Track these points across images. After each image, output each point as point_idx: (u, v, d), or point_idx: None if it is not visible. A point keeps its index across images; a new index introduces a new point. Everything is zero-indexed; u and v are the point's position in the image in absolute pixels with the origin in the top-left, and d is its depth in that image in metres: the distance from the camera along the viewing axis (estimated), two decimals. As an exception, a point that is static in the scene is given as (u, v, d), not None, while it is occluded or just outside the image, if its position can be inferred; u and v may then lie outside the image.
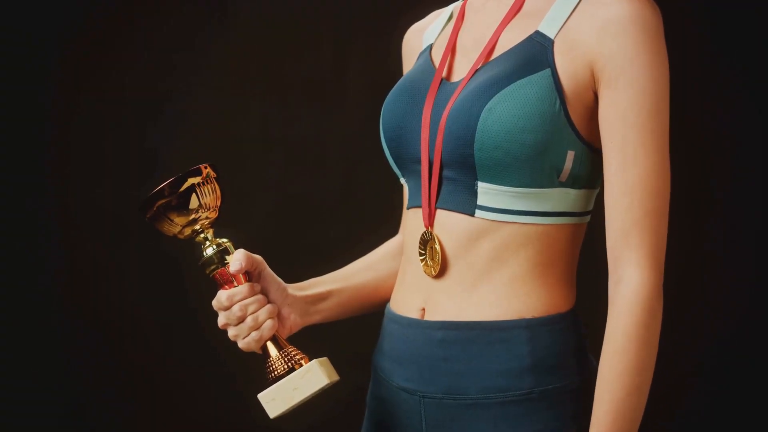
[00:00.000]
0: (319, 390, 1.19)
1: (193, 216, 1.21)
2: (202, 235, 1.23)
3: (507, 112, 1.11)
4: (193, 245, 1.25)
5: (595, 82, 1.13)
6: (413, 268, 1.24)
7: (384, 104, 1.28)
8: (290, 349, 1.22)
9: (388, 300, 1.37)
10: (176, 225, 1.21)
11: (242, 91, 2.46)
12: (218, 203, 1.23)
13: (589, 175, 1.18)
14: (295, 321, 1.28)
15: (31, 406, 2.44)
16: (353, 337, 1.67)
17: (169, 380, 2.48)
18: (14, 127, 2.40)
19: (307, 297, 1.31)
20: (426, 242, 1.20)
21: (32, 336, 2.44)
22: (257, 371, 1.23)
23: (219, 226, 1.25)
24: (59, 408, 2.47)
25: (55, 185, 2.45)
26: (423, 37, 1.37)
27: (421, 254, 1.21)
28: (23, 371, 2.44)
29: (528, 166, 1.13)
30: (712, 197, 2.32)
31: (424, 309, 1.22)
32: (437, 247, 1.19)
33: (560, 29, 1.15)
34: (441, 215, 1.20)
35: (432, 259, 1.20)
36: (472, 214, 1.17)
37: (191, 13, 2.44)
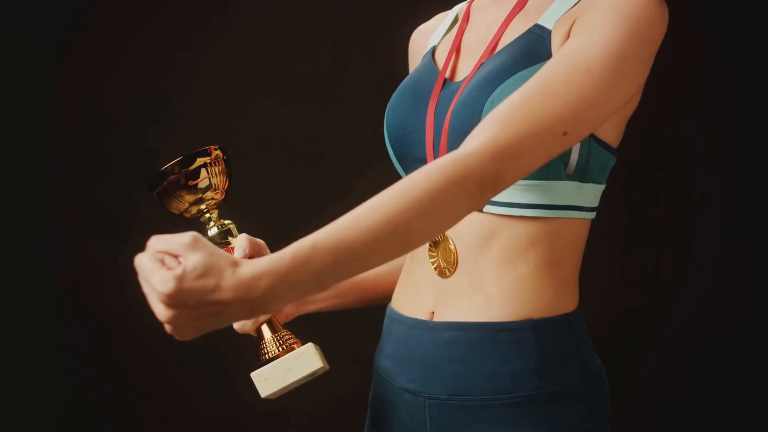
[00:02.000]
0: (311, 373, 1.20)
1: (200, 195, 1.24)
2: (207, 215, 1.27)
3: None
4: (195, 227, 1.26)
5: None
6: (421, 269, 1.24)
7: (388, 106, 1.28)
8: (284, 333, 1.24)
9: (386, 295, 1.37)
10: (184, 202, 1.25)
11: (242, 91, 2.46)
12: (226, 185, 1.27)
13: (597, 168, 1.18)
14: (290, 309, 1.30)
15: (30, 405, 2.45)
16: (354, 338, 1.67)
17: (169, 380, 2.48)
18: (14, 127, 2.41)
19: None
20: (437, 244, 1.20)
21: (32, 336, 2.44)
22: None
23: (224, 209, 1.28)
24: (59, 408, 2.47)
25: (55, 185, 2.45)
26: (428, 39, 1.38)
27: (432, 255, 1.21)
28: (23, 371, 2.44)
29: None
30: (711, 198, 2.31)
31: (433, 312, 1.21)
32: (451, 247, 1.19)
33: (558, 20, 1.15)
34: None
35: (446, 261, 1.19)
36: (481, 210, 1.16)
37: (191, 13, 2.44)
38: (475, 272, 1.18)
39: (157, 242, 0.89)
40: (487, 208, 1.16)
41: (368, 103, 1.47)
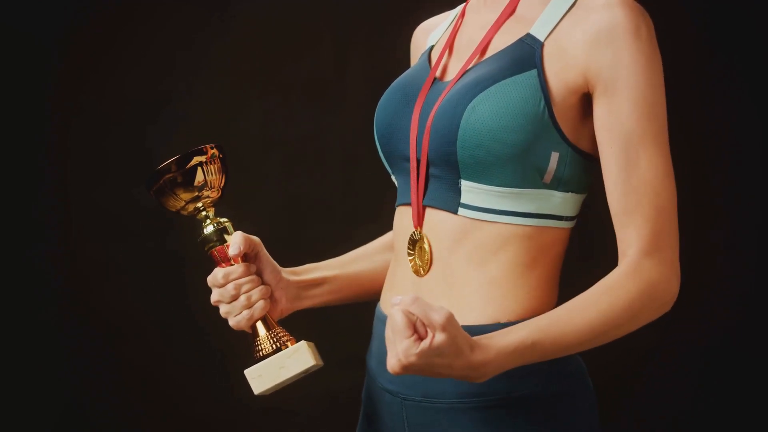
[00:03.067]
0: (304, 371, 1.21)
1: (196, 193, 1.25)
2: (203, 213, 1.27)
3: (489, 111, 1.12)
4: (194, 227, 1.28)
5: (589, 88, 1.13)
6: (402, 269, 1.24)
7: (379, 102, 1.29)
8: (278, 330, 1.25)
9: (380, 291, 1.37)
10: (180, 200, 1.25)
11: (242, 91, 2.46)
12: (222, 184, 1.27)
13: (576, 178, 1.17)
14: (286, 305, 1.30)
15: (30, 406, 2.45)
16: (352, 336, 1.67)
17: (169, 380, 2.48)
18: (14, 126, 2.41)
19: (300, 282, 1.32)
20: (415, 242, 1.21)
21: (32, 336, 2.44)
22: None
23: (221, 206, 1.29)
24: (59, 408, 2.47)
25: (55, 185, 2.45)
26: (429, 37, 1.39)
27: (410, 254, 1.21)
28: (23, 371, 2.44)
29: (511, 166, 1.13)
30: (711, 197, 2.32)
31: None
32: (426, 247, 1.19)
33: (551, 32, 1.15)
34: (427, 213, 1.20)
35: (421, 260, 1.20)
36: (455, 212, 1.17)
37: (191, 13, 2.44)
38: (448, 273, 1.18)
39: (417, 306, 0.98)
40: (462, 211, 1.16)
41: (368, 103, 1.47)
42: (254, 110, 2.47)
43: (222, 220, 1.28)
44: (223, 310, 1.25)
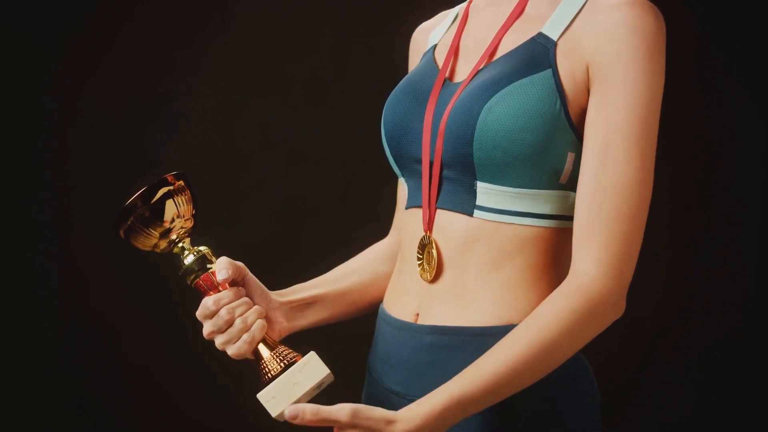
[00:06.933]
0: (318, 383, 1.15)
1: (168, 226, 1.19)
2: (180, 245, 1.21)
3: (506, 112, 1.11)
4: (173, 258, 1.23)
5: (589, 82, 1.12)
6: (410, 270, 1.23)
7: (386, 103, 1.28)
8: (282, 348, 1.19)
9: (374, 303, 1.36)
10: (152, 237, 1.19)
11: (242, 91, 2.46)
12: (192, 211, 1.21)
13: None
14: (282, 325, 1.27)
15: (30, 406, 2.45)
16: (352, 339, 1.67)
17: (168, 380, 2.48)
18: (14, 126, 2.41)
19: (291, 303, 1.29)
20: (424, 247, 1.20)
21: (31, 336, 2.44)
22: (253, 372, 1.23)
23: (197, 234, 1.23)
24: (58, 408, 2.47)
25: (55, 185, 2.45)
26: (429, 37, 1.38)
27: (419, 258, 1.21)
28: (23, 371, 2.44)
29: (528, 167, 1.12)
30: (711, 197, 2.31)
31: (418, 314, 1.21)
32: (434, 252, 1.18)
33: (564, 32, 1.14)
34: (440, 215, 1.19)
35: (429, 264, 1.19)
36: (471, 214, 1.16)
37: (191, 13, 2.44)
38: (459, 276, 1.17)
39: (317, 417, 1.02)
40: (477, 213, 1.15)
41: (368, 103, 1.47)
42: (254, 110, 2.47)
43: (201, 248, 1.22)
44: (220, 340, 1.19)
